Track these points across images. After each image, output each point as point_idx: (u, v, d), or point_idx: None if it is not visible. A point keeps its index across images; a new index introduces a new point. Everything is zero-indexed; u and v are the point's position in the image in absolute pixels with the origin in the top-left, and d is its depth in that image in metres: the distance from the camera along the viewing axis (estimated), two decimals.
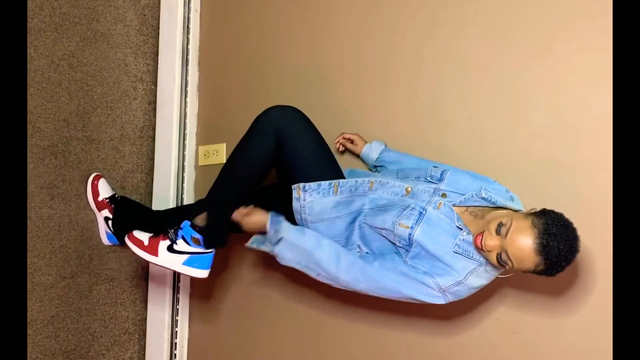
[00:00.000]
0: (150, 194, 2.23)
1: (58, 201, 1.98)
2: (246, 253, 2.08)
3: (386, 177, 1.55)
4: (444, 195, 1.45)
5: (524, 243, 1.26)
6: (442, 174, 1.50)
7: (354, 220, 1.52)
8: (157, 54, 2.22)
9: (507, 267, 1.30)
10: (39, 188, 1.94)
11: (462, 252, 1.38)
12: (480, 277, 1.39)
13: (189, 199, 2.21)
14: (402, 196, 1.47)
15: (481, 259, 1.37)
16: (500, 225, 1.30)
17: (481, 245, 1.31)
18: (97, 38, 2.08)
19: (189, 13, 2.21)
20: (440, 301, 1.39)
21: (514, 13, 1.62)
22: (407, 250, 1.42)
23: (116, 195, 2.02)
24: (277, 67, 2.04)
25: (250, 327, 2.05)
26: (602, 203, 1.47)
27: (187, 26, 2.21)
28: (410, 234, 1.40)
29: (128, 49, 2.16)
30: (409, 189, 1.48)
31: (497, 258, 1.30)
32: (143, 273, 2.21)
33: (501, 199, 1.44)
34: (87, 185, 2.01)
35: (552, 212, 1.31)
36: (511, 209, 1.43)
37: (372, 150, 1.75)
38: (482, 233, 1.33)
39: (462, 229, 1.39)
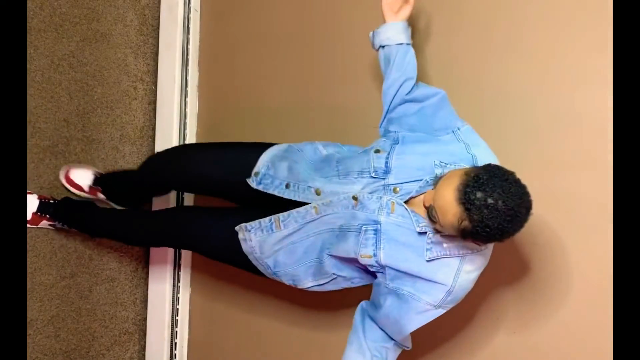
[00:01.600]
0: None
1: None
2: None
3: (327, 184, 1.38)
4: (395, 191, 1.29)
5: (447, 190, 1.11)
6: (386, 163, 1.31)
7: (315, 245, 1.40)
8: (157, 54, 2.22)
9: (436, 224, 1.17)
10: (39, 188, 1.94)
11: (438, 256, 1.24)
12: (472, 265, 1.25)
13: (189, 198, 2.21)
14: (352, 208, 1.32)
15: (464, 247, 1.23)
16: (437, 176, 1.20)
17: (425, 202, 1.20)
18: (97, 38, 2.08)
19: (189, 13, 2.21)
20: (442, 312, 1.30)
21: (514, 13, 1.62)
22: (383, 273, 1.31)
23: (98, 176, 1.97)
24: (277, 67, 2.04)
25: (250, 327, 2.05)
26: (602, 203, 1.47)
27: (187, 26, 2.21)
28: (377, 261, 1.28)
29: (128, 49, 2.16)
30: (356, 197, 1.32)
31: (428, 213, 1.17)
32: (143, 273, 2.21)
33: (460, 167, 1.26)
34: (64, 185, 1.97)
35: (498, 166, 1.14)
36: None
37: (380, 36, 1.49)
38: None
39: (426, 232, 1.24)
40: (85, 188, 1.94)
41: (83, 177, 1.94)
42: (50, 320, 1.97)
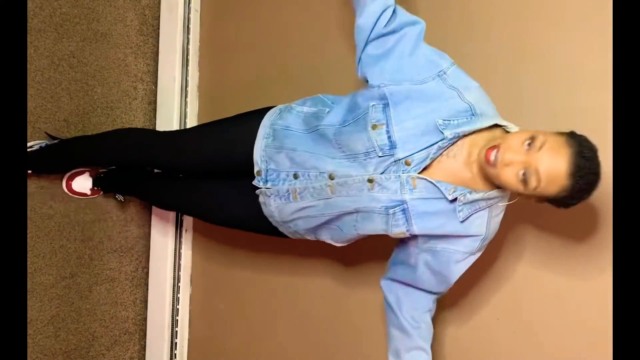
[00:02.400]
0: None
1: (58, 201, 1.98)
2: (246, 253, 2.08)
3: (339, 167, 1.32)
4: (407, 163, 1.25)
5: (559, 161, 1.11)
6: (389, 138, 1.25)
7: (334, 222, 1.39)
8: (157, 54, 2.22)
9: (528, 187, 1.14)
10: (39, 188, 1.94)
11: (469, 214, 1.25)
12: (498, 209, 1.28)
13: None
14: (369, 191, 1.28)
15: (490, 198, 1.25)
16: (532, 138, 1.14)
17: (494, 160, 1.16)
18: (97, 38, 2.08)
19: (189, 13, 2.21)
20: (479, 255, 1.33)
21: (514, 12, 1.62)
22: (414, 239, 1.33)
23: (99, 175, 2.04)
24: (277, 67, 2.04)
25: (250, 327, 2.05)
26: (602, 203, 1.47)
27: (187, 26, 2.21)
28: (410, 234, 1.29)
29: (128, 49, 2.16)
30: (372, 179, 1.27)
31: (519, 175, 1.14)
32: (143, 273, 2.21)
33: (467, 127, 1.23)
34: (67, 193, 2.02)
35: (581, 135, 1.17)
36: (486, 130, 1.24)
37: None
38: (495, 147, 1.17)
39: (456, 199, 1.24)
40: (88, 192, 2.04)
41: (83, 184, 2.03)
42: (50, 320, 1.97)
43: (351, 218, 1.34)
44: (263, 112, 1.49)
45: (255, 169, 1.43)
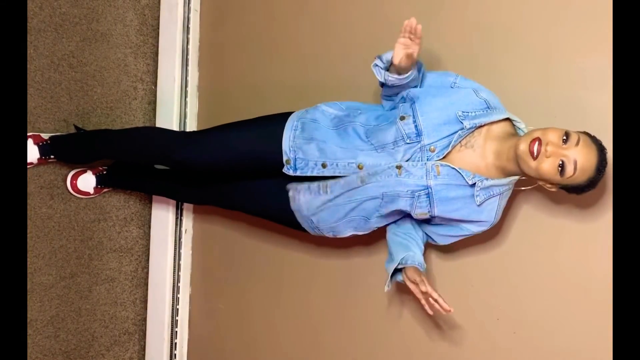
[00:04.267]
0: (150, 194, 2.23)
1: (58, 201, 1.98)
2: (246, 255, 2.08)
3: (368, 157, 1.46)
4: (432, 150, 1.42)
5: (592, 156, 1.31)
6: (416, 126, 1.43)
7: (359, 209, 1.50)
8: (157, 54, 2.22)
9: (564, 176, 1.31)
10: (39, 188, 1.94)
11: (485, 198, 1.41)
12: (505, 198, 1.45)
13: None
14: (397, 177, 1.43)
15: (502, 185, 1.41)
16: (567, 134, 1.31)
17: (537, 151, 1.31)
18: (97, 38, 2.08)
19: (189, 13, 2.21)
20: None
21: (514, 12, 1.62)
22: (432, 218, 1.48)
23: (102, 172, 2.03)
24: (277, 67, 2.04)
25: (250, 327, 2.05)
26: (602, 203, 1.47)
27: (187, 26, 2.21)
28: (431, 215, 1.45)
29: (128, 49, 2.16)
30: (400, 166, 1.42)
31: (558, 165, 1.30)
32: (143, 273, 2.21)
33: (483, 119, 1.41)
34: (72, 192, 2.02)
35: (589, 133, 1.36)
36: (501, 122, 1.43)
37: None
38: (536, 140, 1.32)
39: (475, 184, 1.40)
40: (92, 192, 2.03)
41: (87, 182, 2.01)
42: (50, 321, 1.97)
43: (375, 203, 1.47)
44: (287, 114, 1.59)
45: (284, 158, 1.51)
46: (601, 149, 1.33)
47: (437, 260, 1.70)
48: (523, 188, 1.46)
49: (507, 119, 1.44)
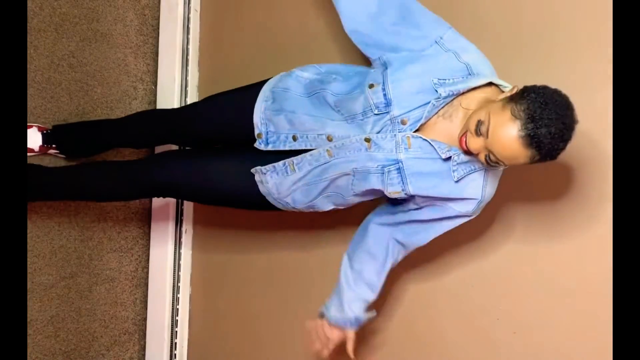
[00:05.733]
0: None
1: (58, 201, 1.98)
2: (246, 253, 2.08)
3: (337, 128, 1.36)
4: (404, 122, 1.28)
5: (508, 140, 1.12)
6: (385, 95, 1.29)
7: (332, 187, 1.41)
8: (157, 54, 2.22)
9: (500, 166, 1.22)
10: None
11: (464, 174, 1.28)
12: (495, 174, 1.32)
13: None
14: (366, 150, 1.31)
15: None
16: (479, 123, 1.16)
17: (466, 147, 1.20)
18: (97, 38, 2.08)
19: (189, 13, 2.21)
20: (470, 219, 1.37)
21: (513, 12, 1.62)
22: (412, 199, 1.35)
23: (48, 131, 1.88)
24: (277, 67, 2.04)
25: (250, 327, 2.05)
26: (602, 204, 1.47)
27: (187, 26, 2.21)
28: (405, 193, 1.32)
29: (128, 49, 2.16)
30: (368, 139, 1.31)
31: (486, 160, 1.18)
32: (143, 273, 2.21)
33: (461, 85, 1.26)
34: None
35: (532, 89, 1.15)
36: (478, 89, 1.26)
37: None
38: (465, 133, 1.20)
39: (450, 157, 1.27)
40: (36, 149, 1.85)
41: (32, 139, 1.84)
42: (50, 321, 1.97)
43: (347, 180, 1.37)
44: (266, 80, 1.53)
45: (256, 132, 1.45)
46: (528, 117, 1.10)
47: (437, 260, 1.70)
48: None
49: (493, 84, 1.28)
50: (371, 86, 1.32)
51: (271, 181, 1.44)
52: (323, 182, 1.40)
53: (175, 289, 2.18)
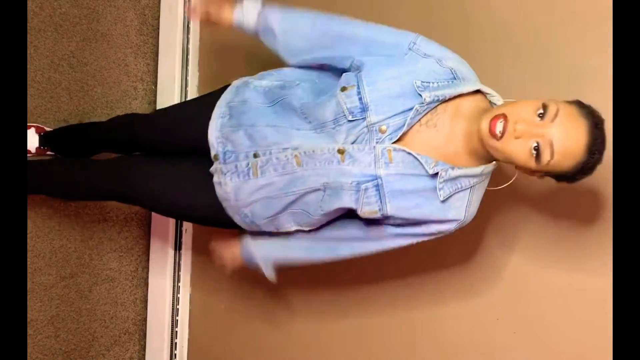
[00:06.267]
0: None
1: (58, 201, 1.98)
2: None
3: (304, 139, 1.19)
4: (382, 130, 1.11)
5: (577, 134, 1.01)
6: (360, 99, 1.12)
7: (297, 204, 1.24)
8: (157, 54, 2.22)
9: (540, 162, 1.04)
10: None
11: (451, 192, 1.14)
12: (479, 192, 1.18)
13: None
14: (339, 163, 1.14)
15: (474, 176, 1.13)
16: (545, 107, 1.03)
17: (501, 131, 1.03)
18: (97, 38, 2.08)
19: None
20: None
21: (513, 12, 1.62)
22: (387, 219, 1.19)
23: (43, 133, 1.85)
24: (277, 66, 2.04)
25: (250, 327, 2.05)
26: (602, 204, 1.47)
27: (187, 26, 2.21)
28: (383, 214, 1.16)
29: (128, 49, 2.16)
30: (342, 150, 1.14)
31: (531, 148, 1.03)
32: (143, 273, 2.21)
33: (448, 90, 1.12)
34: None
35: (589, 105, 1.07)
36: (470, 95, 1.14)
37: (246, 15, 1.33)
38: (499, 117, 1.04)
39: (437, 173, 1.11)
40: (33, 150, 1.83)
41: (29, 139, 1.82)
42: (50, 321, 1.97)
43: (317, 197, 1.21)
44: (223, 90, 1.38)
45: (212, 154, 1.29)
46: (595, 123, 1.03)
47: (437, 260, 1.70)
48: (503, 186, 1.21)
49: (481, 92, 1.17)
50: (344, 89, 1.15)
51: (230, 184, 1.27)
52: (290, 196, 1.23)
53: (175, 289, 2.18)
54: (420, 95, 1.10)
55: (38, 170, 1.66)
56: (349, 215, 1.25)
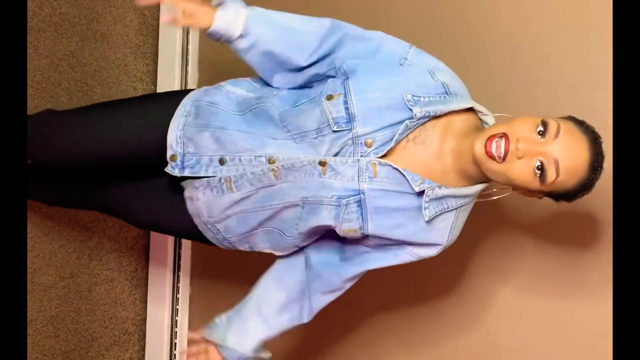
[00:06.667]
0: None
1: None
2: (246, 254, 2.08)
3: (281, 148, 1.11)
4: (368, 144, 1.05)
5: (581, 150, 0.99)
6: (347, 109, 1.05)
7: (274, 220, 1.17)
8: (157, 54, 2.22)
9: (545, 181, 1.00)
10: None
11: (436, 212, 1.08)
12: (464, 214, 1.13)
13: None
14: (320, 176, 1.07)
15: (463, 196, 1.08)
16: (544, 124, 0.99)
17: (502, 152, 0.98)
18: (97, 38, 2.07)
19: None
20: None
21: (512, 12, 1.62)
22: (365, 238, 1.13)
23: None
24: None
25: None
26: (602, 204, 1.47)
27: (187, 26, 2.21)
28: (362, 233, 1.09)
29: (128, 49, 2.16)
30: (324, 162, 1.07)
31: (535, 168, 0.99)
32: (143, 273, 2.21)
33: (440, 107, 1.07)
34: None
35: (582, 120, 1.05)
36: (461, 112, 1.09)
37: (230, 22, 1.14)
38: (495, 136, 0.99)
39: (423, 191, 1.05)
40: None
41: None
42: (49, 321, 1.97)
43: (294, 213, 1.13)
44: (182, 94, 1.25)
45: (169, 154, 1.17)
46: (594, 138, 1.02)
47: (437, 260, 1.70)
48: (494, 197, 1.16)
49: (472, 110, 1.12)
50: (330, 97, 1.07)
51: (203, 198, 1.17)
52: (266, 211, 1.14)
53: (175, 289, 2.18)
54: (411, 110, 1.05)
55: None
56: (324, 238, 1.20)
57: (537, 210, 1.56)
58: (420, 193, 1.06)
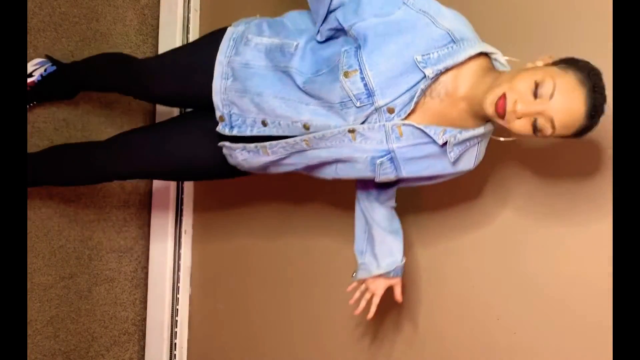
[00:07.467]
0: (150, 194, 2.23)
1: (58, 201, 1.98)
2: (246, 255, 2.08)
3: (315, 116, 1.22)
4: (390, 111, 1.16)
5: (576, 104, 1.05)
6: (365, 85, 1.14)
7: (314, 168, 1.32)
8: (156, 54, 2.22)
9: (543, 135, 1.09)
10: (38, 187, 1.94)
11: (461, 152, 1.21)
12: (485, 142, 1.26)
13: (188, 199, 2.21)
14: (350, 141, 1.21)
15: (480, 135, 1.20)
16: (537, 85, 1.06)
17: (503, 111, 1.08)
18: (97, 38, 2.07)
19: (188, 13, 2.21)
20: None
21: (512, 12, 1.62)
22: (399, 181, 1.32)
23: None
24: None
25: (250, 327, 2.05)
26: (602, 204, 1.47)
27: (187, 26, 2.21)
28: (398, 178, 1.26)
29: (128, 49, 2.15)
30: (353, 130, 1.19)
31: (531, 125, 1.08)
32: (142, 273, 2.21)
33: (449, 61, 1.13)
34: None
35: (582, 60, 1.10)
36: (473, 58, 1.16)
37: None
38: (504, 96, 1.07)
39: (446, 142, 1.18)
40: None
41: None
42: (49, 321, 1.97)
43: (330, 168, 1.29)
44: (219, 37, 1.35)
45: (217, 114, 1.31)
46: (592, 88, 1.07)
47: (437, 260, 1.70)
48: (502, 139, 1.25)
49: (482, 54, 1.18)
50: (347, 74, 1.15)
51: (240, 157, 1.33)
52: (301, 166, 1.31)
53: (175, 289, 2.18)
54: (423, 71, 1.12)
55: (35, 162, 1.66)
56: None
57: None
58: (444, 143, 1.18)
